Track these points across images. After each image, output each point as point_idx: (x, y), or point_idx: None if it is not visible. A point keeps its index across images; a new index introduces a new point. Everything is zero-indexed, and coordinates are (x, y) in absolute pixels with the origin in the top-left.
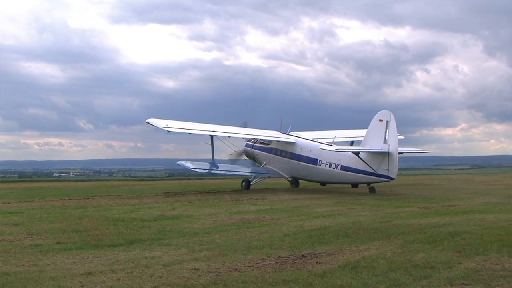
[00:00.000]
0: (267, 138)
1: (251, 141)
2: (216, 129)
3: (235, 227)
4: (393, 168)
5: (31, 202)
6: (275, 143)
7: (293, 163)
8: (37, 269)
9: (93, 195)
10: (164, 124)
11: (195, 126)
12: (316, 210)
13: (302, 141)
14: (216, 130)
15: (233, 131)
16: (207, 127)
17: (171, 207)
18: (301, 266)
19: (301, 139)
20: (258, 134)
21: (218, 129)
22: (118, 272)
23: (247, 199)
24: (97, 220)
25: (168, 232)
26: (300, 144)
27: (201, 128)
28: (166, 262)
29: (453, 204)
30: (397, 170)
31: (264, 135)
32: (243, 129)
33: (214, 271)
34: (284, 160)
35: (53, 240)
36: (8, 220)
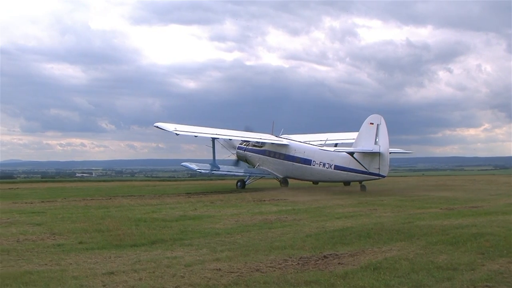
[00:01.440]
0: (262, 141)
1: (243, 143)
2: (219, 133)
3: (257, 228)
4: (383, 166)
5: (54, 202)
6: (269, 146)
7: (287, 164)
8: (60, 269)
9: (115, 195)
10: (172, 128)
11: (200, 130)
12: (338, 211)
13: (295, 144)
14: (219, 133)
15: (234, 134)
16: (211, 130)
17: (193, 208)
18: (323, 267)
19: (294, 142)
20: (255, 137)
21: (221, 133)
22: (140, 272)
23: (269, 200)
24: (119, 220)
25: (190, 232)
26: (294, 146)
27: (205, 132)
28: (188, 262)
29: (476, 205)
30: (388, 169)
31: (261, 138)
32: (241, 133)
33: (236, 271)
34: (278, 161)
35: (76, 240)
36: (31, 219)
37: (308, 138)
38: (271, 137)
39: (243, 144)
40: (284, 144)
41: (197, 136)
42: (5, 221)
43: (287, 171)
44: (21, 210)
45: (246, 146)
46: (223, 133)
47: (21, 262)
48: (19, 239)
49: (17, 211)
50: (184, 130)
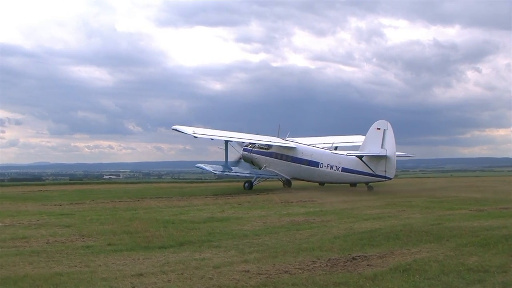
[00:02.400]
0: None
1: (248, 145)
2: (233, 136)
3: (285, 229)
4: (390, 169)
5: (83, 204)
6: (275, 148)
7: (294, 166)
8: (89, 270)
9: (143, 197)
10: (191, 131)
11: (216, 133)
12: (366, 212)
13: (302, 147)
14: (233, 136)
15: (246, 137)
16: (226, 133)
17: (221, 209)
18: (351, 268)
19: (301, 145)
20: (264, 140)
21: (235, 136)
22: (169, 273)
23: (296, 201)
24: (147, 222)
25: (218, 234)
26: (301, 149)
27: (221, 135)
28: (216, 264)
29: (506, 206)
30: (394, 171)
31: (270, 141)
32: (253, 136)
33: (264, 273)
34: (285, 163)
35: (104, 242)
36: (60, 221)
37: (311, 141)
38: (280, 140)
39: (248, 146)
40: (292, 147)
41: (213, 139)
42: (34, 223)
43: (294, 172)
44: (50, 212)
45: (252, 148)
46: (236, 136)
47: (51, 264)
48: (49, 240)
49: (47, 213)
50: (202, 133)
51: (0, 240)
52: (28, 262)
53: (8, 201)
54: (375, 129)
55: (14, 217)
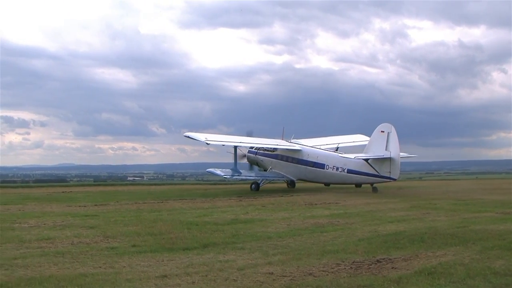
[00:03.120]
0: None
1: (253, 148)
2: (243, 141)
3: (309, 231)
4: (394, 170)
5: (107, 205)
6: (281, 150)
7: (300, 168)
8: (113, 271)
9: (166, 198)
10: (203, 137)
11: (227, 138)
12: (390, 215)
13: (308, 149)
14: (242, 141)
15: (254, 141)
16: (236, 138)
17: (245, 211)
18: (376, 271)
19: (306, 147)
20: (271, 143)
21: (244, 141)
22: (193, 275)
23: (320, 203)
24: (171, 223)
25: (241, 236)
26: (307, 151)
27: (231, 140)
28: (240, 266)
29: None
30: (399, 172)
31: (277, 144)
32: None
33: (289, 275)
34: (291, 165)
35: (129, 243)
36: (84, 222)
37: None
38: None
39: (253, 149)
40: (297, 149)
41: (224, 145)
42: (59, 224)
43: (300, 174)
44: (75, 213)
45: (257, 151)
46: (246, 141)
47: (76, 265)
48: (74, 241)
49: (71, 214)
50: (214, 139)
51: (26, 241)
52: (53, 263)
53: (33, 202)
54: (379, 132)
55: (39, 218)
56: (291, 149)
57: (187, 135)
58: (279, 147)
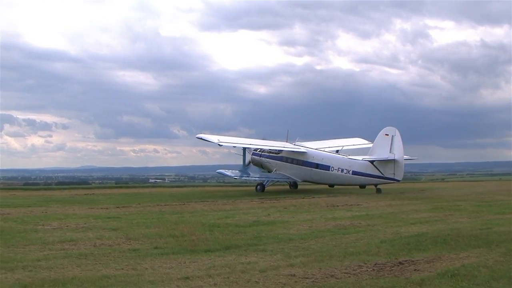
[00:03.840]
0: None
1: (257, 150)
2: (252, 143)
3: (331, 233)
4: (398, 172)
5: (129, 207)
6: (286, 153)
7: (305, 169)
8: (136, 273)
9: (188, 201)
10: (216, 139)
11: (238, 141)
12: (412, 216)
13: (313, 151)
14: (252, 143)
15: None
16: (246, 141)
17: (266, 213)
18: (398, 273)
19: (311, 150)
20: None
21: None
22: (215, 277)
23: (342, 205)
24: (193, 225)
25: (263, 237)
26: (312, 153)
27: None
28: (262, 268)
29: None
30: (402, 174)
31: (284, 147)
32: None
33: (311, 277)
34: (296, 167)
35: (151, 245)
36: (107, 225)
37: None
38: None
39: (257, 151)
40: (302, 151)
41: (235, 146)
42: (82, 226)
43: (306, 175)
44: (97, 215)
45: (261, 153)
46: (255, 143)
47: (99, 266)
48: (96, 243)
49: (93, 216)
50: (226, 141)
51: (49, 243)
52: (76, 265)
53: (56, 204)
54: (384, 135)
55: (62, 220)
56: (296, 152)
57: (199, 136)
58: (287, 149)
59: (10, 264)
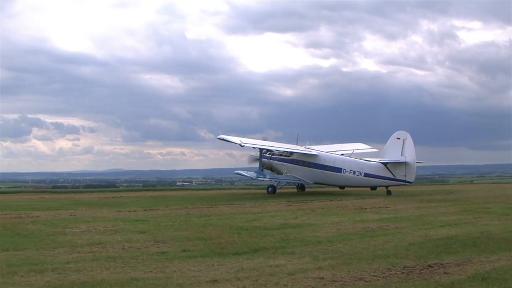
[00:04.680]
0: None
1: (267, 153)
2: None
3: (359, 236)
4: (410, 174)
5: (156, 210)
6: (297, 155)
7: (317, 172)
8: (164, 276)
9: (216, 203)
10: (238, 140)
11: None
12: (441, 219)
13: (324, 154)
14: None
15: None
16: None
17: (294, 216)
18: (428, 276)
19: (323, 152)
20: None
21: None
22: (243, 280)
23: (370, 208)
24: (221, 228)
25: (291, 240)
26: (323, 156)
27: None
28: (290, 271)
29: None
30: (414, 176)
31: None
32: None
33: (339, 280)
34: (307, 169)
35: (179, 248)
36: (135, 227)
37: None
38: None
39: (267, 153)
40: (314, 154)
41: (255, 147)
42: (110, 228)
43: (317, 177)
44: (125, 218)
45: (271, 155)
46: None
47: (127, 269)
48: (124, 246)
49: (122, 219)
50: (248, 142)
51: (78, 246)
52: (105, 267)
53: (84, 207)
54: (395, 138)
55: (90, 223)
56: (308, 154)
57: (221, 137)
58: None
59: (40, 267)
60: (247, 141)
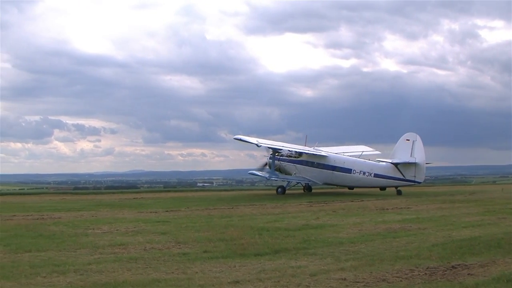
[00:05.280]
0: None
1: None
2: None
3: (381, 237)
4: (419, 174)
5: (178, 211)
6: (306, 156)
7: (327, 172)
8: (186, 277)
9: (237, 204)
10: (255, 140)
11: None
12: (464, 220)
13: (333, 155)
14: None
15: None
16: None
17: (315, 216)
18: (451, 277)
19: (332, 154)
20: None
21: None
22: (265, 281)
23: (391, 208)
24: (242, 229)
25: (313, 241)
26: (333, 157)
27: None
28: (312, 272)
29: None
30: (424, 176)
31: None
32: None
33: (361, 281)
34: (316, 170)
35: (200, 249)
36: (156, 228)
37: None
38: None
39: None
40: (324, 155)
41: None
42: (131, 230)
43: (327, 178)
44: (146, 219)
45: (279, 157)
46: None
47: (149, 270)
48: (146, 247)
49: (143, 220)
50: (264, 143)
51: (99, 247)
52: (127, 269)
53: (105, 209)
54: (405, 140)
55: (112, 224)
56: (317, 155)
57: (238, 137)
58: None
59: (62, 268)
60: (263, 142)
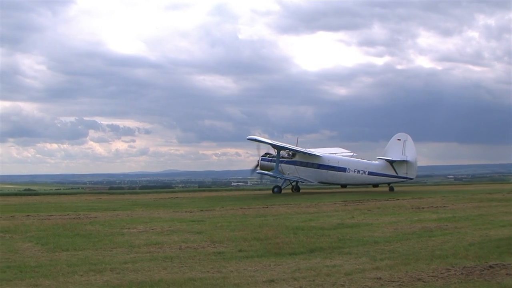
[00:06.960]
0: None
1: (266, 155)
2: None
3: (417, 236)
4: (411, 171)
5: (212, 211)
6: (300, 156)
7: (321, 172)
8: (221, 276)
9: (271, 203)
10: (270, 141)
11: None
12: (502, 219)
13: (327, 155)
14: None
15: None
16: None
17: (350, 216)
18: (489, 277)
19: (325, 154)
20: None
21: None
22: (300, 280)
23: (427, 207)
24: (277, 228)
25: (348, 240)
26: (327, 157)
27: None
28: (347, 271)
29: None
30: (416, 173)
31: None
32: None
33: (397, 280)
34: (311, 170)
35: (235, 248)
36: (191, 228)
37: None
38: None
39: (267, 156)
40: (318, 155)
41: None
42: (167, 229)
43: (321, 177)
44: (182, 219)
45: (271, 158)
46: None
47: (184, 269)
48: (181, 246)
49: (178, 220)
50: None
51: (135, 246)
52: (162, 267)
53: (141, 208)
54: (396, 140)
55: (147, 223)
56: (312, 155)
57: (251, 137)
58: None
59: (99, 267)
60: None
